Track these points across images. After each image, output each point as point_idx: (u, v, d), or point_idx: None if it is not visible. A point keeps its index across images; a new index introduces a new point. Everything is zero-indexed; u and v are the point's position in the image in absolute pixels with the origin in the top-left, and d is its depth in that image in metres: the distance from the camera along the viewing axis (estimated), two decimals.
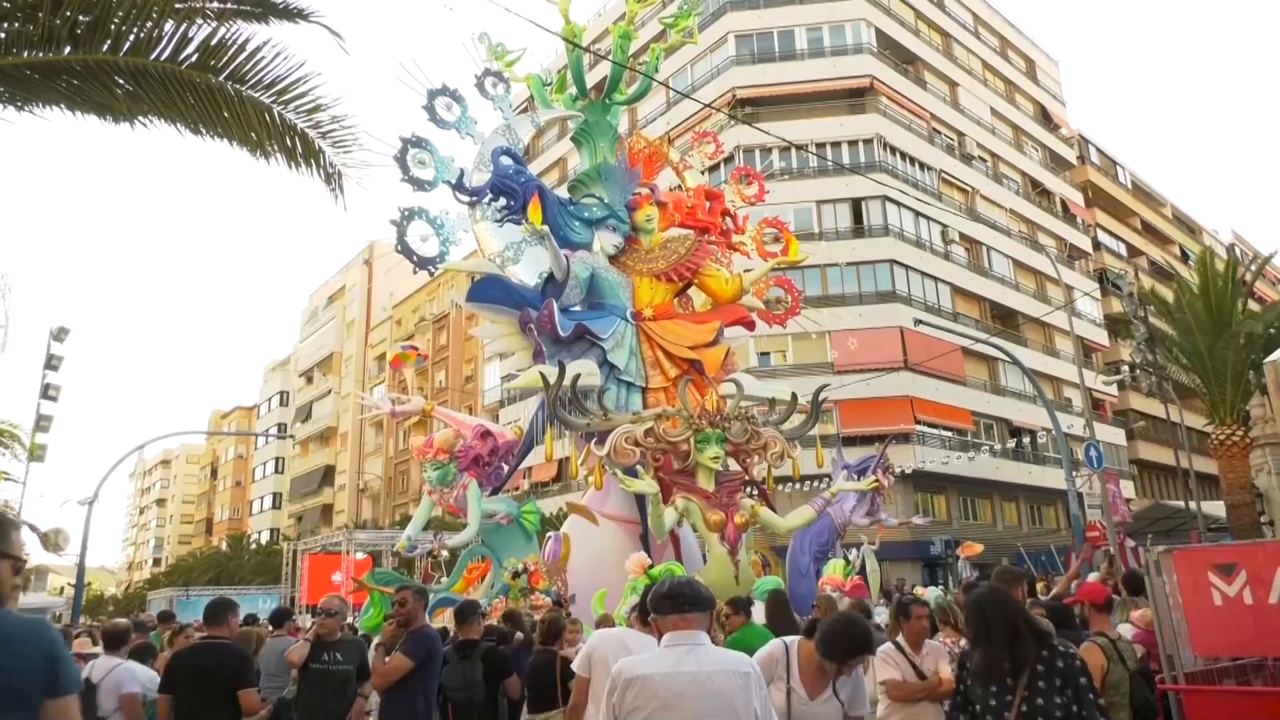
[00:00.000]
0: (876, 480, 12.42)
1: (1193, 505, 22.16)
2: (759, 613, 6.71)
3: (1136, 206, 52.78)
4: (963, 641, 5.03)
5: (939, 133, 39.52)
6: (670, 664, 2.95)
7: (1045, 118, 47.65)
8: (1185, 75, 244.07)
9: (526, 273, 12.65)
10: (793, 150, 32.97)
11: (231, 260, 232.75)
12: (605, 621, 7.39)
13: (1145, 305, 23.40)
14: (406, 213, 11.80)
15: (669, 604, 3.08)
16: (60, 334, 23.07)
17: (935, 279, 35.91)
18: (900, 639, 5.26)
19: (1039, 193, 44.67)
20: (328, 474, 60.37)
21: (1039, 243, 39.50)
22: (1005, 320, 38.99)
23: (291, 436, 64.27)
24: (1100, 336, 43.58)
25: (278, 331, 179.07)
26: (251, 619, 11.29)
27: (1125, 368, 34.39)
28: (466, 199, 12.15)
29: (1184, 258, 48.31)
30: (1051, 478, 33.98)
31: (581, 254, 12.64)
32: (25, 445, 22.70)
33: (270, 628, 9.38)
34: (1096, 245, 47.99)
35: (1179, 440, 25.02)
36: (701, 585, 3.18)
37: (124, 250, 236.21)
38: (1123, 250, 50.18)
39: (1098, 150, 51.78)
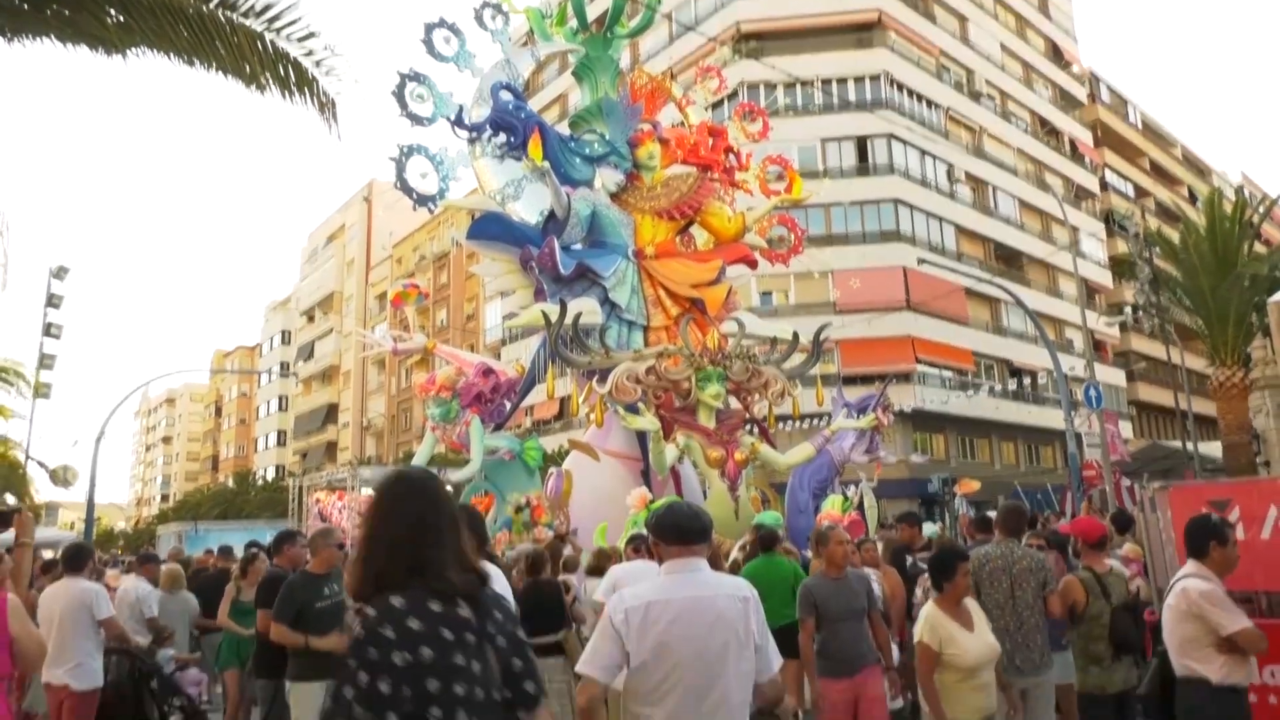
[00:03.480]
0: (876, 419, 12.49)
1: (1190, 446, 22.30)
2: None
3: (1146, 146, 52.00)
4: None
5: (947, 69, 38.73)
6: (673, 589, 3.05)
7: (1056, 54, 46.65)
8: (1201, 11, 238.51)
9: (527, 210, 12.55)
10: (798, 86, 32.41)
11: (232, 200, 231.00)
12: (614, 554, 7.65)
13: (1151, 246, 23.19)
14: (406, 149, 11.66)
15: (674, 534, 3.15)
16: (60, 272, 23.05)
17: (940, 219, 35.57)
18: (1208, 570, 4.23)
19: (1047, 132, 43.97)
20: (331, 412, 60.77)
21: (1045, 182, 39.04)
22: (1009, 261, 38.73)
23: (294, 375, 64.51)
24: (1104, 278, 43.35)
25: (278, 271, 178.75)
26: (226, 551, 11.39)
27: (1128, 309, 34.23)
28: (466, 135, 12.00)
29: (1192, 199, 47.74)
30: (1050, 418, 34.16)
31: (583, 191, 12.53)
32: (30, 383, 22.85)
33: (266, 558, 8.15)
34: (1104, 186, 47.40)
35: (1179, 382, 25.06)
36: (705, 515, 3.24)
37: (124, 190, 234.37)
38: (1130, 191, 49.57)
39: (1108, 88, 50.78)
